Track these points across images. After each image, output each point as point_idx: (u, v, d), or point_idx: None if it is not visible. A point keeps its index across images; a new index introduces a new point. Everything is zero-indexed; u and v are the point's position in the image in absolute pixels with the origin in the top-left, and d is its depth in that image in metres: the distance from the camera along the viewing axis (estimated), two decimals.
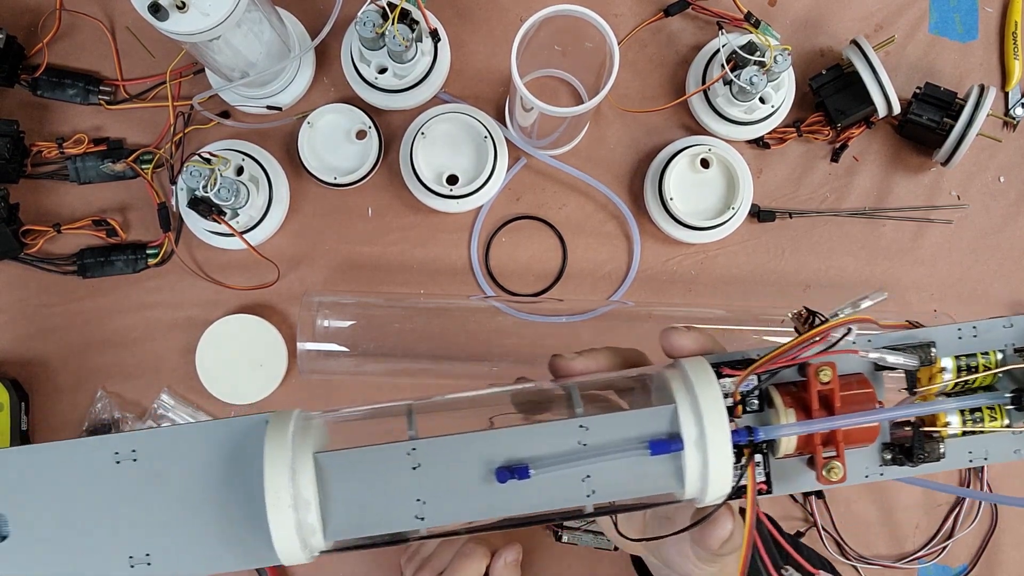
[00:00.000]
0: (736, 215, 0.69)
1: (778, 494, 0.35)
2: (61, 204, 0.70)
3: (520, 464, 0.32)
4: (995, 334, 0.37)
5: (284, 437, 0.32)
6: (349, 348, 0.65)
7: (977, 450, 0.37)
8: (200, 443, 0.33)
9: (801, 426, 0.33)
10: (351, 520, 0.32)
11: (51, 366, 0.70)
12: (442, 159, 0.69)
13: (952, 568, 0.72)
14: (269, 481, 0.31)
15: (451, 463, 0.32)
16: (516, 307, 0.68)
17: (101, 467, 0.33)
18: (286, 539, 0.31)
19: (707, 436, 0.32)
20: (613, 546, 0.69)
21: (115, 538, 0.32)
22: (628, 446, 0.32)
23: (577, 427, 0.33)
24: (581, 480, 0.32)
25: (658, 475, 0.33)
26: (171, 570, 0.32)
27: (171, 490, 0.33)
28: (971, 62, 0.74)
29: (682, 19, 0.73)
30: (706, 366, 0.34)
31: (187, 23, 0.54)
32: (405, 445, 0.32)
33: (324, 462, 0.32)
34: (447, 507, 0.32)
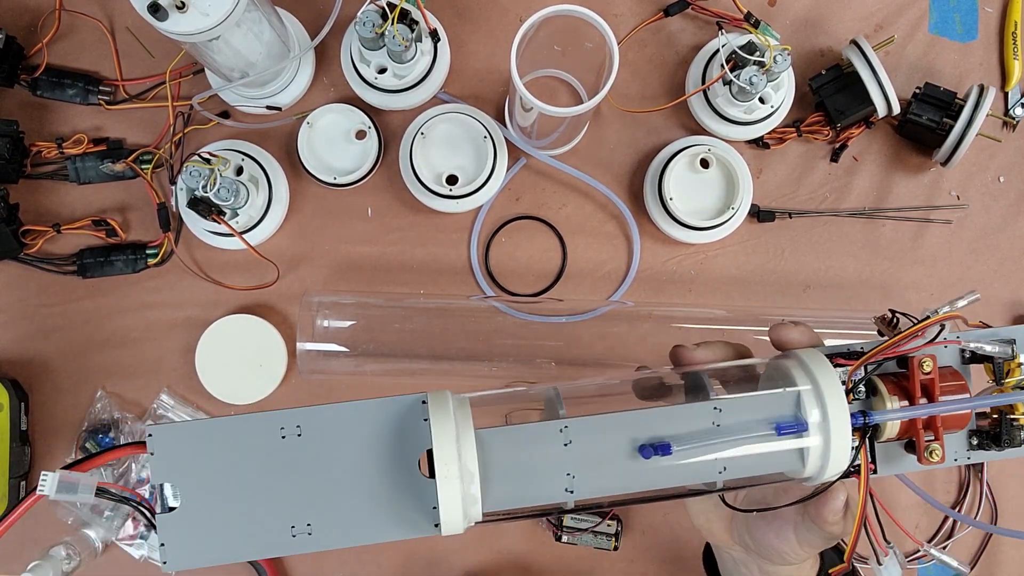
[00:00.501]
0: (736, 215, 0.69)
1: (883, 474, 0.39)
2: (61, 204, 0.70)
3: (662, 442, 0.35)
4: None
5: (447, 414, 0.33)
6: (349, 348, 0.65)
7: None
8: (361, 420, 0.35)
9: (908, 411, 0.36)
10: (508, 491, 0.35)
11: (51, 366, 0.70)
12: (442, 159, 0.69)
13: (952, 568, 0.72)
14: (439, 454, 0.32)
15: (600, 440, 0.35)
16: (516, 307, 0.68)
17: (267, 442, 0.34)
18: (452, 509, 0.33)
19: (829, 419, 0.35)
20: (612, 546, 0.69)
21: (278, 508, 0.34)
22: (757, 427, 0.36)
23: (712, 409, 0.36)
24: (715, 459, 0.36)
25: (783, 455, 0.36)
26: (332, 539, 0.34)
27: (333, 464, 0.34)
28: (971, 62, 0.74)
29: (682, 19, 0.73)
30: (822, 356, 0.37)
31: (187, 23, 0.54)
32: (558, 423, 0.35)
33: (486, 438, 0.34)
34: (594, 481, 0.35)
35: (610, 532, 0.68)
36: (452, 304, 0.69)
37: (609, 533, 0.68)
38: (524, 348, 0.67)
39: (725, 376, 0.41)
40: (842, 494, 0.38)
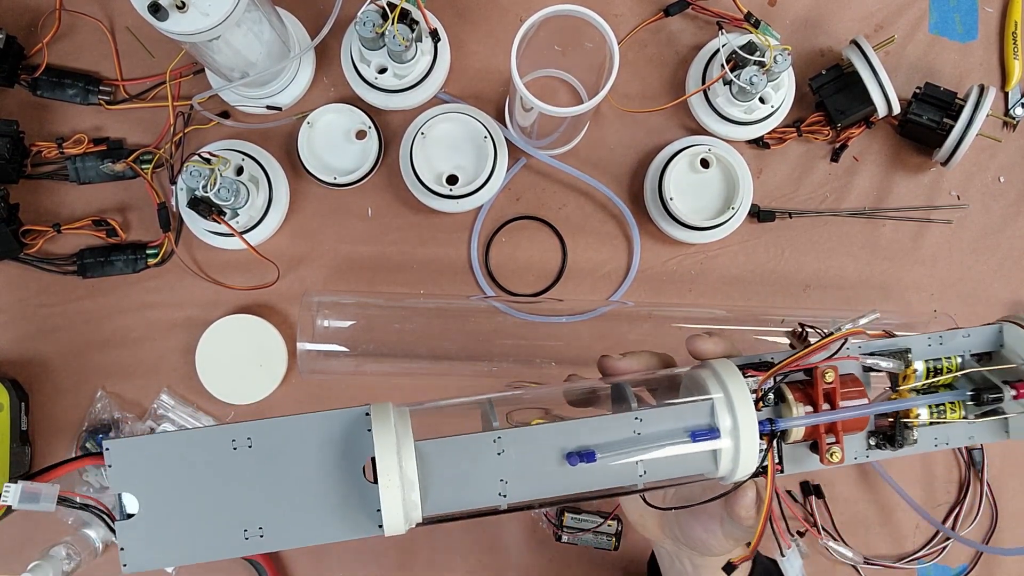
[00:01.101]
0: (736, 215, 0.69)
1: (789, 473, 0.42)
2: (61, 204, 0.70)
3: (588, 450, 0.38)
4: (956, 343, 0.44)
5: (389, 427, 0.36)
6: (349, 348, 0.65)
7: (941, 436, 0.44)
8: (309, 431, 0.37)
9: (811, 418, 0.39)
10: (446, 497, 0.38)
11: (51, 366, 0.70)
12: (442, 159, 0.69)
13: (952, 568, 0.72)
14: (381, 464, 0.35)
15: (530, 449, 0.38)
16: (516, 307, 0.68)
17: (219, 453, 0.37)
18: (394, 514, 0.35)
19: (739, 426, 0.38)
20: (613, 546, 0.69)
21: (231, 514, 0.36)
22: (674, 435, 0.39)
23: (633, 419, 0.39)
24: (636, 463, 0.39)
25: (697, 458, 0.39)
26: (282, 541, 0.37)
27: (282, 472, 0.37)
28: (971, 62, 0.74)
29: (682, 19, 0.73)
30: (734, 367, 0.40)
31: (187, 23, 0.54)
32: (492, 434, 0.38)
33: (425, 449, 0.37)
34: (525, 486, 0.38)
35: (610, 532, 0.68)
36: (452, 304, 0.69)
37: (609, 533, 0.68)
38: (524, 348, 0.67)
39: (650, 383, 0.44)
40: (751, 491, 0.42)
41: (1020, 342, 0.43)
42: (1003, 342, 0.44)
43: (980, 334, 0.45)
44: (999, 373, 0.44)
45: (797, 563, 0.41)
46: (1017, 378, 0.43)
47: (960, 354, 0.44)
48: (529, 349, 0.67)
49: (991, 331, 0.45)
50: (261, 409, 0.69)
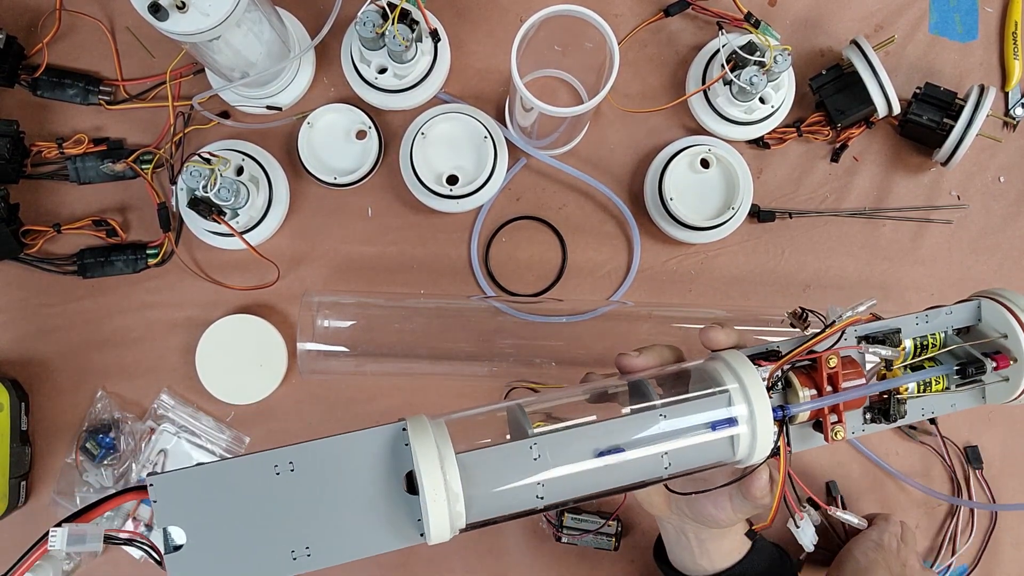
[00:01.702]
0: (736, 215, 0.68)
1: (796, 451, 0.44)
2: (61, 204, 0.70)
3: (617, 448, 0.40)
4: (940, 320, 0.47)
5: (429, 440, 0.37)
6: (349, 348, 0.65)
7: (926, 407, 0.47)
8: (348, 451, 0.38)
9: (818, 402, 0.42)
10: (488, 504, 0.39)
11: (51, 366, 0.70)
12: (442, 159, 0.69)
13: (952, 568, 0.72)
14: (427, 480, 0.36)
15: (565, 452, 0.40)
16: (516, 307, 0.68)
17: (262, 479, 0.37)
18: (440, 526, 0.36)
19: (755, 414, 0.41)
20: (613, 546, 0.69)
21: (278, 536, 0.37)
22: (696, 426, 0.41)
23: (658, 415, 0.41)
24: (662, 456, 0.41)
25: (717, 446, 0.41)
26: (329, 558, 0.37)
27: (325, 492, 0.38)
28: (971, 62, 0.74)
29: (682, 19, 0.73)
30: (745, 358, 0.42)
31: (187, 23, 0.54)
32: (528, 441, 0.39)
33: (467, 461, 0.38)
34: (562, 487, 0.40)
35: (610, 532, 0.68)
36: (452, 304, 0.69)
37: (609, 534, 0.68)
38: (524, 348, 0.67)
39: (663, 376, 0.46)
40: (765, 473, 0.44)
41: (996, 317, 0.46)
42: (980, 317, 0.48)
43: (961, 310, 0.48)
44: (979, 347, 0.47)
45: (810, 531, 0.45)
46: (995, 350, 0.46)
47: (944, 330, 0.47)
48: (529, 349, 0.67)
49: (970, 307, 0.48)
50: (261, 409, 0.69)
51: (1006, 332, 0.46)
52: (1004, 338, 0.46)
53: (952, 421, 0.72)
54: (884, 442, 0.72)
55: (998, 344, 0.47)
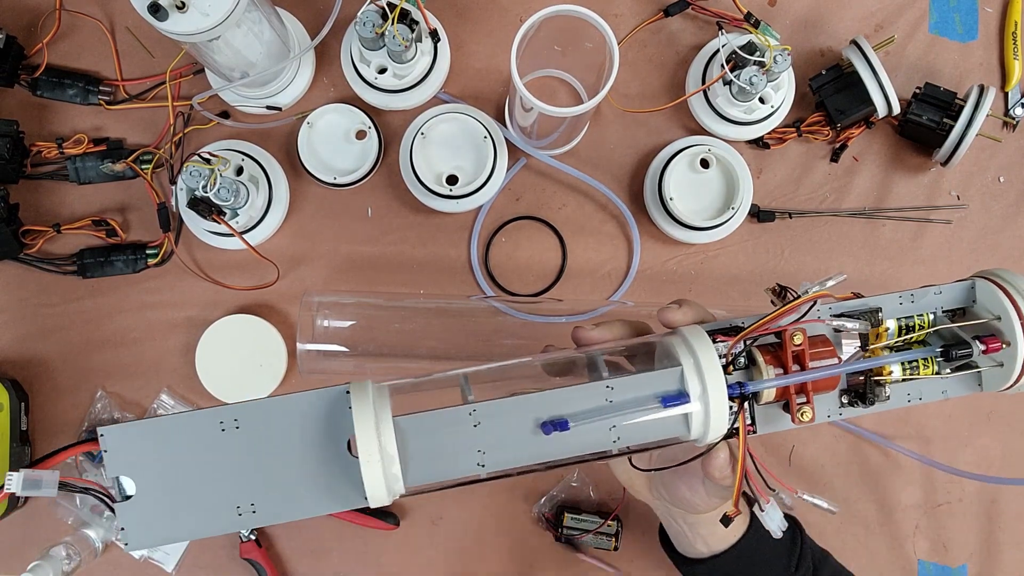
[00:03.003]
0: (736, 215, 0.68)
1: (762, 432, 0.43)
2: (61, 204, 0.70)
3: (561, 419, 0.39)
4: (928, 300, 0.45)
5: (367, 403, 0.38)
6: (349, 348, 0.65)
7: (913, 392, 0.45)
8: (292, 411, 0.39)
9: (780, 380, 0.41)
10: (426, 469, 0.39)
11: (51, 366, 0.70)
12: (442, 159, 0.69)
13: (952, 568, 0.72)
14: (361, 441, 0.37)
15: (505, 421, 0.39)
16: (516, 307, 0.68)
17: (208, 434, 0.38)
18: (376, 487, 0.37)
19: (708, 391, 0.39)
20: (612, 546, 0.69)
21: (224, 492, 0.38)
22: (645, 401, 0.40)
23: (604, 387, 0.40)
24: (609, 429, 0.40)
25: (669, 423, 0.40)
26: (274, 515, 0.39)
27: (270, 450, 0.39)
28: (971, 62, 0.74)
29: (682, 19, 0.73)
30: (703, 333, 0.41)
31: (187, 23, 0.54)
32: (467, 407, 0.39)
33: (403, 424, 0.38)
34: (503, 455, 0.39)
35: (610, 532, 0.68)
36: (452, 304, 0.69)
37: (609, 533, 0.68)
38: (524, 348, 0.67)
39: (627, 351, 0.46)
40: (723, 452, 0.43)
41: (991, 297, 0.44)
42: (975, 298, 0.45)
43: (952, 290, 0.45)
44: (971, 329, 0.44)
45: (777, 516, 0.43)
46: (988, 332, 0.43)
47: (932, 311, 0.45)
48: (529, 349, 0.67)
49: (963, 287, 0.45)
50: None
51: (999, 314, 0.43)
52: (998, 320, 0.43)
53: (952, 421, 0.72)
54: None
55: (992, 327, 0.44)
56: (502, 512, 0.70)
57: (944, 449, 0.72)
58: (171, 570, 0.69)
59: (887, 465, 0.72)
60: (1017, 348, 0.42)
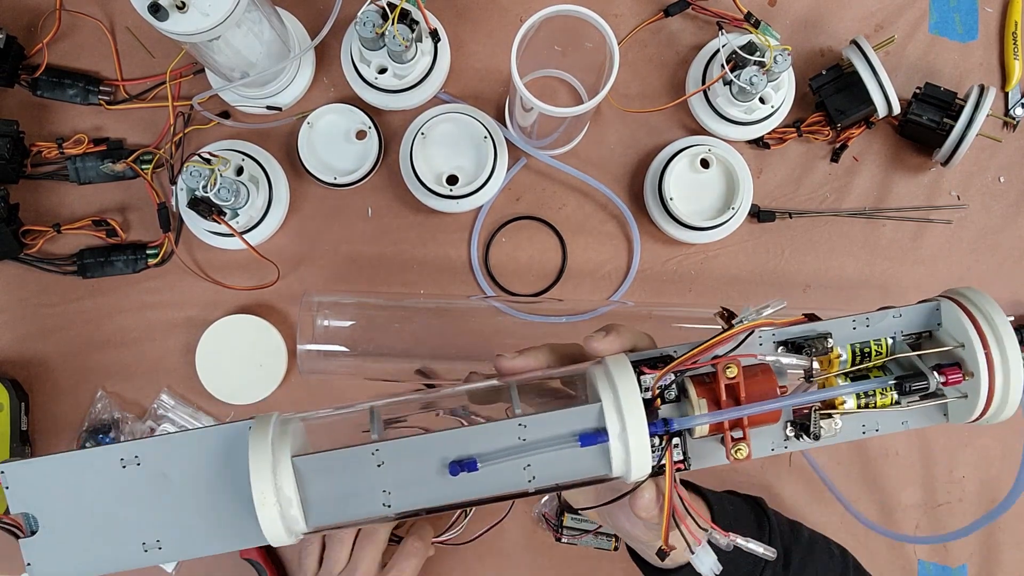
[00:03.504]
0: (736, 215, 0.69)
1: (696, 468, 0.41)
2: (61, 204, 0.70)
3: (469, 459, 0.37)
4: (886, 324, 0.42)
5: (265, 444, 0.37)
6: (349, 348, 0.65)
7: (869, 423, 0.42)
8: (195, 447, 0.39)
9: (710, 416, 0.38)
10: (329, 510, 0.38)
11: (51, 366, 0.70)
12: (442, 159, 0.69)
13: (952, 568, 0.72)
14: (255, 483, 0.36)
15: (410, 461, 0.38)
16: (516, 307, 0.68)
17: (110, 471, 0.38)
18: (273, 529, 0.36)
19: (628, 430, 0.37)
20: (613, 546, 0.69)
21: (129, 528, 0.38)
22: (561, 440, 0.38)
23: (516, 425, 0.38)
24: (523, 468, 0.38)
25: (589, 461, 0.38)
26: (179, 552, 0.38)
27: (173, 487, 0.38)
28: (971, 62, 0.74)
29: (682, 19, 0.73)
30: (626, 367, 0.38)
31: (187, 23, 0.54)
32: (370, 447, 0.38)
33: (301, 465, 0.37)
34: (409, 496, 0.38)
35: (610, 533, 0.68)
36: (452, 304, 0.69)
37: (609, 534, 0.68)
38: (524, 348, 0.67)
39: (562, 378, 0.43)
40: (648, 491, 0.40)
41: (955, 322, 0.40)
42: (940, 320, 0.42)
43: (913, 313, 0.42)
44: (935, 356, 0.41)
45: (708, 560, 0.40)
46: (951, 361, 0.40)
47: (891, 335, 0.42)
48: None
49: (926, 310, 0.42)
50: (261, 409, 0.69)
51: (963, 341, 0.39)
52: (961, 348, 0.40)
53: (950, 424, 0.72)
54: None
55: (955, 355, 0.40)
56: (502, 512, 0.70)
57: (944, 449, 0.72)
58: (171, 570, 0.69)
59: (887, 465, 0.72)
60: (980, 380, 0.39)
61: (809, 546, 0.55)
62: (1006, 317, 0.39)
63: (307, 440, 0.41)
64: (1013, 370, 0.38)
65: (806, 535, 0.56)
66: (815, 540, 0.56)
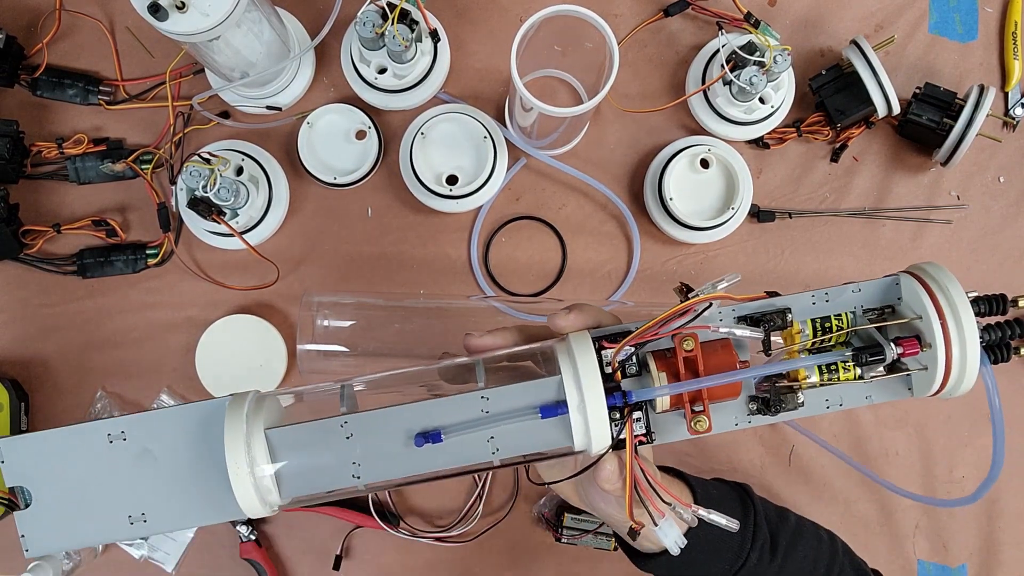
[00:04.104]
0: (736, 215, 0.68)
1: (659, 443, 0.42)
2: (61, 204, 0.70)
3: (434, 431, 0.39)
4: (845, 298, 0.42)
5: (240, 417, 0.38)
6: (349, 348, 0.65)
7: (833, 398, 0.42)
8: (178, 423, 0.40)
9: (668, 388, 0.39)
10: (301, 482, 0.39)
11: (51, 366, 0.70)
12: (442, 159, 0.69)
13: (952, 568, 0.72)
14: (229, 455, 0.37)
15: (378, 433, 0.39)
16: (516, 307, 0.68)
17: (98, 446, 0.40)
18: (248, 499, 0.38)
19: (586, 402, 0.38)
20: (612, 546, 0.69)
21: (115, 502, 0.40)
22: (523, 412, 0.39)
23: (480, 398, 0.39)
24: (487, 441, 0.39)
25: (550, 433, 0.39)
26: (164, 525, 0.40)
27: (158, 462, 0.40)
28: (971, 62, 0.74)
29: (682, 19, 0.73)
30: (587, 341, 0.40)
31: (187, 23, 0.54)
32: (339, 419, 0.39)
33: (273, 437, 0.39)
34: (378, 467, 0.39)
35: (610, 533, 0.68)
36: (452, 304, 0.69)
37: (608, 534, 0.68)
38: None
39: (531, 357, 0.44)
40: (609, 463, 0.41)
41: (912, 294, 0.41)
42: (900, 295, 0.42)
43: (873, 288, 0.43)
44: (897, 328, 0.42)
45: (673, 532, 0.40)
46: (911, 333, 0.41)
47: (851, 310, 0.42)
48: None
49: (886, 284, 0.43)
50: None
51: (920, 313, 0.40)
52: (919, 319, 0.40)
53: (952, 422, 0.72)
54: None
55: (914, 327, 0.41)
56: (502, 512, 0.70)
57: (944, 449, 0.72)
58: (171, 570, 0.69)
59: (887, 465, 0.72)
60: (937, 350, 0.39)
61: (797, 530, 0.55)
62: (963, 290, 0.40)
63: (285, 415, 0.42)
64: (969, 340, 0.39)
65: (793, 520, 0.56)
66: (803, 524, 0.56)
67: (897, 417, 0.72)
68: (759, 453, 0.72)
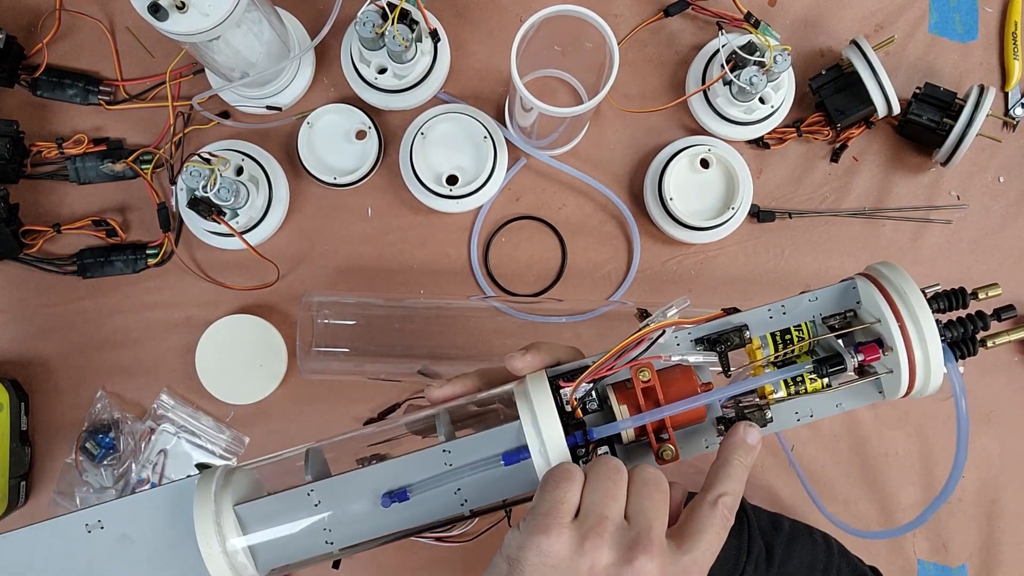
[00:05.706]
0: (736, 215, 0.69)
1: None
2: (61, 204, 0.70)
3: (399, 489, 0.39)
4: (802, 308, 0.42)
5: (208, 496, 0.39)
6: (349, 348, 0.65)
7: (802, 410, 0.42)
8: (152, 506, 0.41)
9: (631, 421, 0.39)
10: (275, 553, 0.40)
11: (51, 366, 0.70)
12: (442, 159, 0.69)
13: (952, 568, 0.72)
14: (200, 535, 0.38)
15: (345, 497, 0.40)
16: (516, 307, 0.68)
17: (77, 537, 0.40)
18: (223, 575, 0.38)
19: (546, 445, 0.38)
20: None
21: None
22: (487, 462, 0.39)
23: (441, 451, 0.40)
24: (454, 493, 0.39)
25: (517, 478, 0.39)
26: None
27: (136, 547, 0.40)
28: (971, 62, 0.74)
29: (682, 19, 0.73)
30: (543, 382, 0.39)
31: (187, 23, 0.54)
32: (305, 488, 0.40)
33: (243, 512, 0.39)
34: (349, 531, 0.40)
35: None
36: (452, 304, 0.69)
37: None
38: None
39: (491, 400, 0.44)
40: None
41: (869, 298, 0.41)
42: (859, 298, 0.42)
43: (830, 295, 0.42)
44: (860, 333, 0.41)
45: None
46: (872, 338, 0.40)
47: (810, 319, 0.42)
48: None
49: (842, 289, 0.42)
50: (261, 409, 0.69)
51: (879, 317, 0.40)
52: (878, 323, 0.40)
53: (951, 422, 0.72)
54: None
55: (875, 331, 0.40)
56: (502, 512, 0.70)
57: (944, 449, 0.72)
58: None
59: (887, 465, 0.72)
60: (898, 352, 0.39)
61: (791, 536, 0.55)
62: (918, 288, 0.40)
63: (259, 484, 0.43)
64: (929, 338, 0.39)
65: (787, 526, 0.56)
66: (797, 529, 0.56)
67: (897, 417, 0.72)
68: (759, 453, 0.71)
